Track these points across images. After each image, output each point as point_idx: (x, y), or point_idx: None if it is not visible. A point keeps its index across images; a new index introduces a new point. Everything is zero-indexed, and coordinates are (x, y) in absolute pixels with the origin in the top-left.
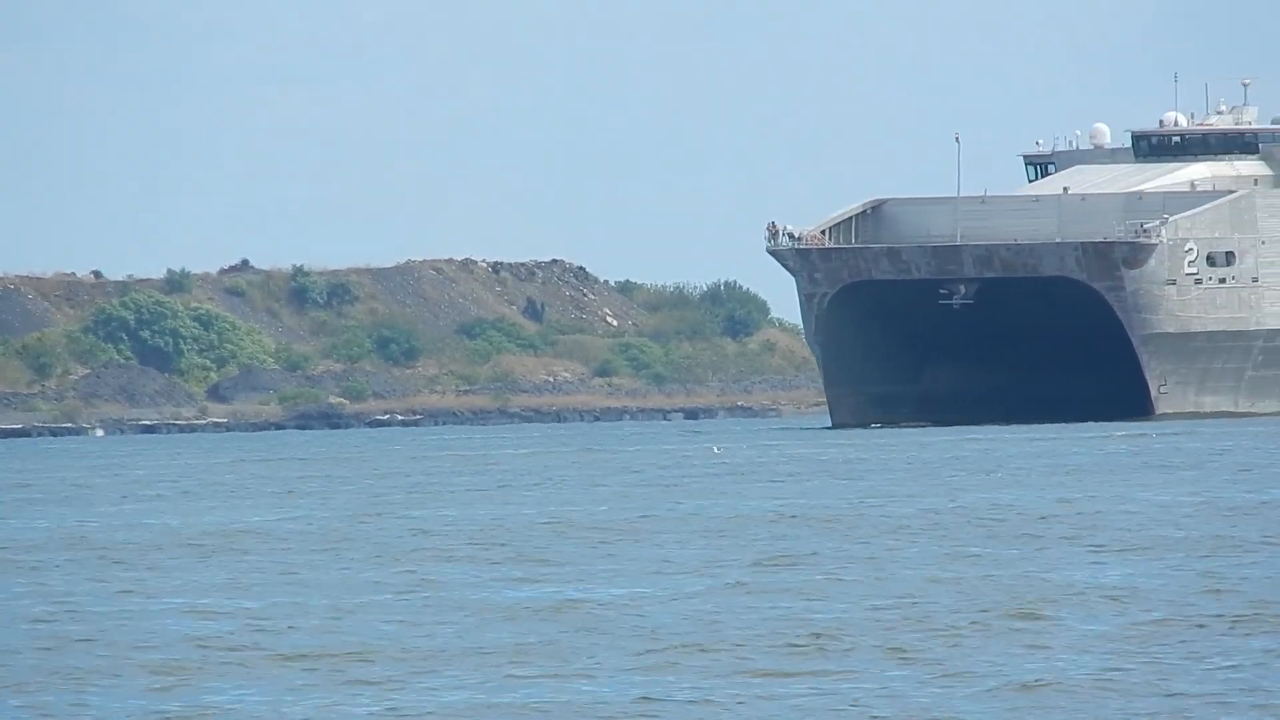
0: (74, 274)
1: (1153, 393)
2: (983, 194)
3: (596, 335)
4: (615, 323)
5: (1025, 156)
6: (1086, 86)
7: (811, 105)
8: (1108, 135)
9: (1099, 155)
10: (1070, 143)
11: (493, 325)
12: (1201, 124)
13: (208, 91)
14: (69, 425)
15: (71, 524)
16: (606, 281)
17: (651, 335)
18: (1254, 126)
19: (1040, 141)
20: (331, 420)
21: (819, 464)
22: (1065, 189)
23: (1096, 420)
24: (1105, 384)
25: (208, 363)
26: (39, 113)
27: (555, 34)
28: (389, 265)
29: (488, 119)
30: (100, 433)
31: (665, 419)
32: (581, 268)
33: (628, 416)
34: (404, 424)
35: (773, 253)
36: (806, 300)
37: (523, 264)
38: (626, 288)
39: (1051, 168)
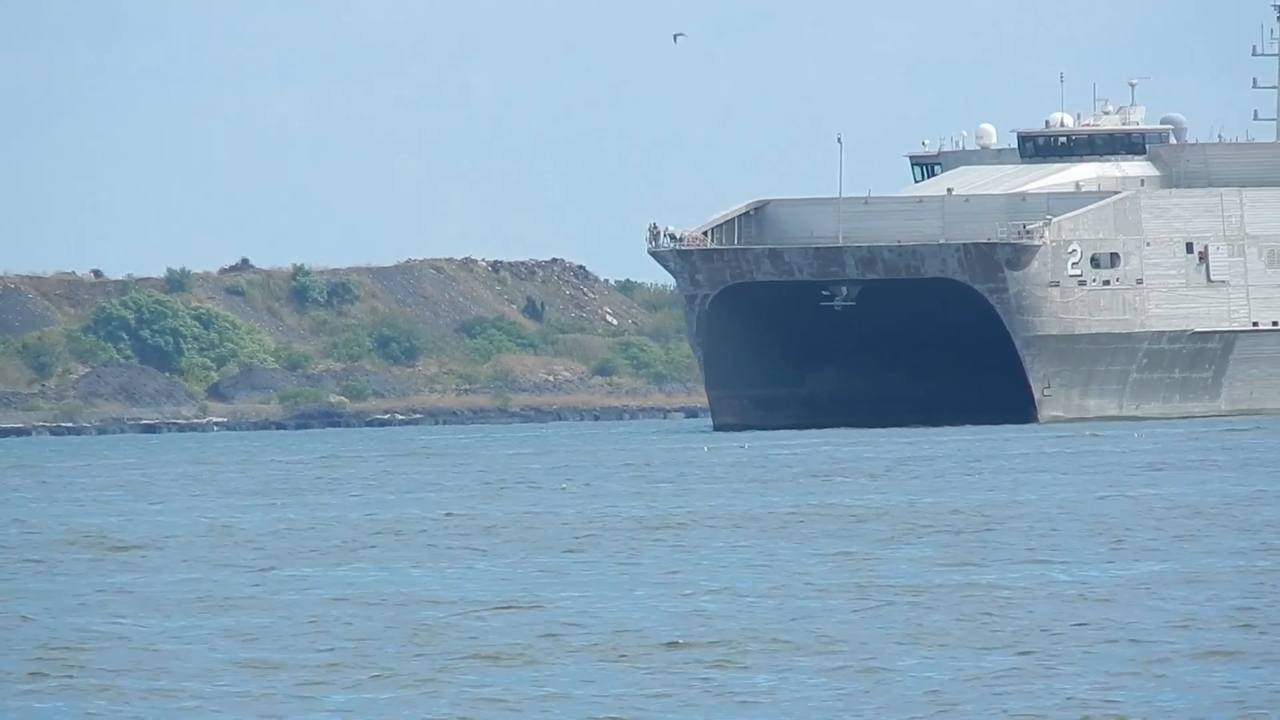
0: (74, 273)
1: (1036, 396)
2: (867, 195)
3: (596, 334)
4: (615, 321)
5: (911, 157)
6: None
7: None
8: (994, 136)
9: (985, 156)
10: (956, 143)
11: (493, 324)
12: (1088, 124)
13: (207, 91)
14: (69, 424)
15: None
16: (606, 280)
17: (651, 334)
18: (1141, 127)
19: (926, 142)
20: (331, 419)
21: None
22: (950, 190)
23: (979, 424)
24: (989, 387)
25: (208, 362)
26: (39, 112)
27: (555, 34)
28: (389, 264)
29: (488, 119)
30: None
31: (665, 418)
32: (581, 267)
33: (627, 415)
34: (404, 423)
35: (654, 254)
36: (688, 301)
37: (522, 263)
38: (626, 287)
39: (938, 168)
